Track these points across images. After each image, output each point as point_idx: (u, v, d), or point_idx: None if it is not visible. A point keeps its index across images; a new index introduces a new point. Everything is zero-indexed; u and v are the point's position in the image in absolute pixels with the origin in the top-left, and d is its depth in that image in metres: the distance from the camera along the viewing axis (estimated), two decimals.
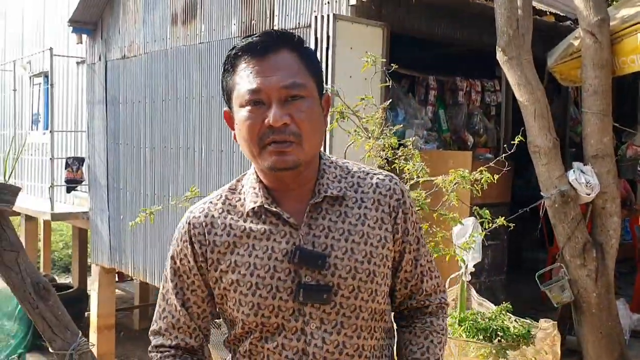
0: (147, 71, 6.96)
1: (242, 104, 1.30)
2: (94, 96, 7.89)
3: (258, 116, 1.28)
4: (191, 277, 1.37)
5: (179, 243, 1.39)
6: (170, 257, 1.41)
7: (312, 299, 1.29)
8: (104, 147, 7.73)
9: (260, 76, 1.28)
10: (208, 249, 1.34)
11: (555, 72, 4.62)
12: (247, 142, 1.30)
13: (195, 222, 1.37)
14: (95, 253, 8.05)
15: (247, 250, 1.32)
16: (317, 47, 4.46)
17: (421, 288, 1.47)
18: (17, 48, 10.71)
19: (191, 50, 6.29)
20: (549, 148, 4.24)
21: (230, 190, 1.41)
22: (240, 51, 1.31)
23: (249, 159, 1.35)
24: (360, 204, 1.38)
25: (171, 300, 1.40)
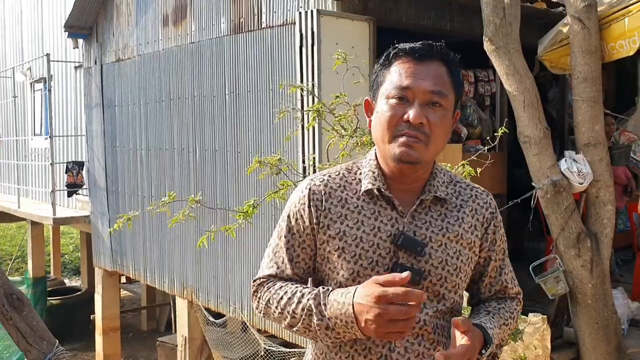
0: (141, 73, 6.95)
1: (389, 96, 1.48)
2: (91, 100, 7.90)
3: (400, 110, 1.45)
4: (303, 236, 1.55)
5: (296, 204, 1.56)
6: (287, 216, 1.58)
7: (413, 280, 1.44)
8: (102, 150, 7.74)
9: (413, 77, 1.46)
10: (322, 214, 1.52)
11: (544, 60, 4.55)
12: (382, 129, 1.48)
13: (315, 189, 1.55)
14: (98, 256, 8.08)
15: (356, 224, 1.51)
16: (302, 44, 4.41)
17: (505, 292, 1.66)
18: (18, 55, 10.74)
19: (183, 51, 6.27)
20: (539, 138, 4.17)
21: (347, 170, 1.59)
22: (401, 51, 1.49)
23: (377, 145, 1.54)
24: (459, 209, 1.57)
25: (280, 254, 1.57)
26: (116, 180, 7.57)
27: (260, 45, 5.24)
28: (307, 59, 4.37)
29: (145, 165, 7.01)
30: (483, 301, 1.67)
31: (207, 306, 6.21)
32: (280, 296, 1.52)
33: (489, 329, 1.50)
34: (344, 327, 1.39)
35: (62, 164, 8.21)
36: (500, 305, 1.63)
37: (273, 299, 1.53)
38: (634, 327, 4.77)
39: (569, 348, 4.35)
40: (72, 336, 10.40)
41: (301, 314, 1.46)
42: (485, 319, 1.55)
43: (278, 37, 5.04)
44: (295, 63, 4.51)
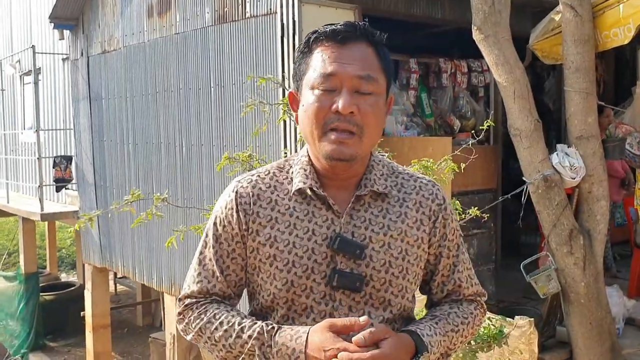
0: (127, 65, 6.79)
1: (314, 86, 1.32)
2: (78, 93, 7.75)
3: (327, 100, 1.30)
4: (232, 244, 1.40)
5: (223, 210, 1.41)
6: (213, 224, 1.43)
7: (345, 286, 1.34)
8: (89, 144, 7.59)
9: (337, 62, 1.30)
10: (251, 219, 1.38)
11: (536, 49, 4.37)
12: (310, 124, 1.33)
13: (242, 192, 1.40)
14: (87, 252, 7.95)
15: (287, 227, 1.36)
16: (283, 34, 4.25)
17: (459, 292, 1.50)
18: (7, 47, 10.58)
19: (167, 42, 6.10)
20: (530, 130, 4.01)
21: (279, 169, 1.44)
22: (321, 36, 1.34)
23: (307, 142, 1.38)
24: (402, 203, 1.42)
25: (208, 266, 1.41)
26: (104, 174, 7.42)
27: (244, 35, 5.07)
28: (289, 49, 4.20)
29: (133, 159, 6.86)
30: (435, 304, 1.52)
31: None
32: (215, 326, 1.36)
33: (425, 335, 1.34)
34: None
35: (50, 158, 8.06)
36: (451, 310, 1.47)
37: (205, 328, 1.37)
38: (630, 325, 4.62)
39: (562, 348, 4.21)
40: (65, 332, 10.30)
41: (240, 351, 1.32)
42: (425, 325, 1.38)
43: (262, 27, 4.87)
44: (277, 53, 4.34)
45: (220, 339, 1.34)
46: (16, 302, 10.27)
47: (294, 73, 1.42)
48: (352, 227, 1.37)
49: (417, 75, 5.36)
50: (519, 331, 3.00)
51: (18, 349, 10.22)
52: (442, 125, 5.55)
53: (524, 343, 2.96)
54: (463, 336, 1.47)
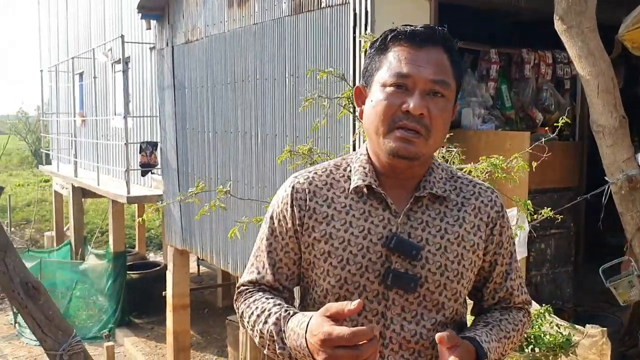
0: (208, 55, 6.95)
1: (386, 84, 1.33)
2: (163, 81, 8.02)
3: (397, 99, 1.31)
4: (286, 238, 1.42)
5: (279, 204, 1.44)
6: (270, 217, 1.46)
7: (400, 286, 1.34)
8: (173, 131, 7.85)
9: (413, 64, 1.32)
10: (306, 215, 1.39)
11: (625, 40, 4.08)
12: (377, 120, 1.33)
13: (298, 187, 1.42)
14: (169, 234, 8.25)
15: (343, 225, 1.36)
16: (356, 24, 4.19)
17: (510, 300, 1.51)
18: (100, 36, 11.11)
19: (246, 32, 6.19)
20: (614, 127, 3.75)
21: (336, 166, 1.45)
22: (400, 35, 1.35)
23: (370, 138, 1.38)
24: (460, 207, 1.43)
25: (261, 258, 1.45)
26: (186, 161, 7.66)
27: (318, 26, 5.05)
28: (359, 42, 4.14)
29: (212, 147, 7.03)
30: (485, 310, 1.52)
31: None
32: (252, 311, 1.41)
33: (483, 342, 1.35)
34: (301, 357, 1.27)
35: (137, 144, 8.41)
36: (503, 317, 1.48)
37: (246, 312, 1.43)
38: None
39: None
40: (149, 310, 10.78)
41: (267, 336, 1.35)
42: (482, 331, 1.39)
43: (336, 17, 4.83)
44: (349, 44, 4.29)
45: (255, 324, 1.37)
46: (105, 279, 10.84)
47: (364, 68, 1.41)
48: (409, 227, 1.37)
49: (498, 66, 5.16)
50: (589, 340, 2.84)
51: (105, 324, 10.80)
52: (524, 118, 5.32)
53: (595, 354, 2.79)
54: (513, 343, 1.47)
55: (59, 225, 14.18)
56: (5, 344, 10.81)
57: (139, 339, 10.36)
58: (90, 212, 17.71)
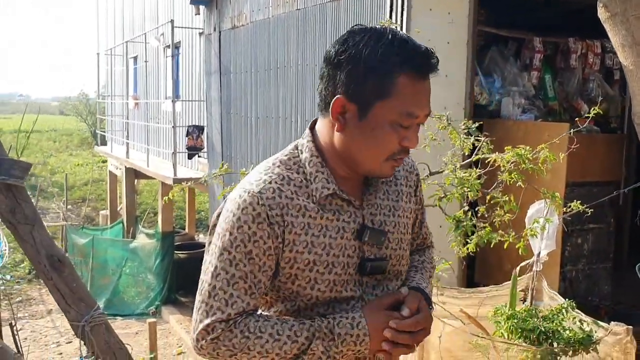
0: (252, 41, 7.02)
1: (394, 122, 1.30)
2: (210, 66, 8.15)
3: (399, 135, 1.32)
4: (264, 258, 1.34)
5: (251, 225, 1.32)
6: (239, 241, 1.33)
7: (376, 272, 1.43)
8: (219, 116, 7.99)
9: (419, 102, 1.31)
10: (286, 230, 1.34)
11: None
12: (376, 151, 1.34)
13: (271, 203, 1.33)
14: None
15: (321, 231, 1.36)
16: (392, 9, 4.16)
17: (424, 243, 1.69)
18: (154, 21, 11.35)
19: (289, 17, 6.22)
20: None
21: (287, 170, 1.39)
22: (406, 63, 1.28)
23: (357, 156, 1.35)
24: (395, 181, 1.50)
25: (240, 285, 1.34)
26: (230, 145, 7.79)
27: (358, 11, 5.03)
28: (397, 26, 4.10)
29: (255, 132, 7.13)
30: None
31: None
32: (265, 339, 1.34)
33: (425, 289, 1.51)
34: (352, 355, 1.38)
35: (184, 127, 8.59)
36: (422, 258, 1.65)
37: (254, 343, 1.34)
38: None
39: None
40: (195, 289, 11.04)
41: (295, 354, 1.34)
42: (417, 278, 1.55)
43: (375, 4, 4.80)
44: None
45: (273, 348, 1.33)
46: (153, 258, 11.17)
47: (357, 84, 1.29)
48: (370, 215, 1.42)
49: (542, 55, 5.01)
50: (613, 338, 2.76)
51: (152, 301, 11.15)
52: (568, 109, 5.17)
53: (619, 352, 2.71)
54: (431, 276, 1.67)
55: (113, 204, 14.66)
56: (59, 316, 11.29)
57: (184, 316, 10.63)
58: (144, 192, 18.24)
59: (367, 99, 1.29)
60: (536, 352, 2.55)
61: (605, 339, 2.79)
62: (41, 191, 19.14)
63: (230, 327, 1.33)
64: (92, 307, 2.44)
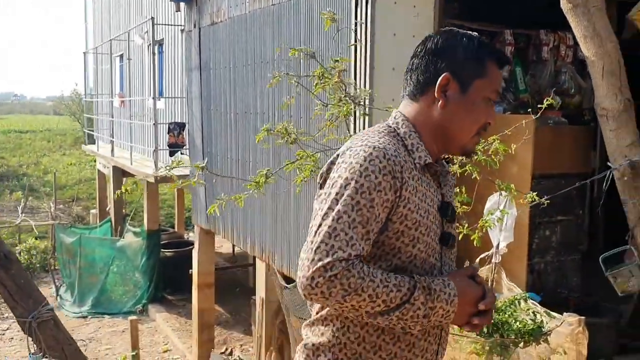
0: (231, 37, 7.00)
1: (487, 97, 1.58)
2: (191, 63, 8.12)
3: (487, 111, 1.58)
4: (380, 209, 1.46)
5: (377, 175, 1.45)
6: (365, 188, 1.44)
7: (452, 245, 1.61)
8: (199, 112, 7.96)
9: (501, 85, 1.62)
10: (403, 187, 1.47)
11: (636, 20, 3.90)
12: (472, 124, 1.57)
13: (395, 159, 1.47)
14: (196, 214, 8.40)
15: (422, 196, 1.52)
16: (358, 3, 4.14)
17: None
18: (139, 18, 11.31)
19: (265, 13, 6.19)
20: (618, 111, 3.61)
21: (395, 139, 1.56)
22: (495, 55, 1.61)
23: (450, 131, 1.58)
24: (447, 172, 1.70)
25: (359, 230, 1.44)
26: (210, 142, 7.76)
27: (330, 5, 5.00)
28: (360, 18, 4.09)
29: (234, 129, 7.10)
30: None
31: (281, 270, 6.23)
32: (376, 283, 1.43)
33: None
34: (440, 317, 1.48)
35: (166, 124, 8.56)
36: None
37: (368, 286, 1.42)
38: None
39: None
40: (182, 287, 11.03)
41: (398, 303, 1.44)
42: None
43: None
44: (351, 25, 4.25)
45: (382, 294, 1.42)
46: (140, 257, 11.15)
47: (459, 64, 1.55)
48: (447, 195, 1.63)
49: (512, 48, 5.00)
50: (567, 329, 2.75)
51: (139, 300, 11.13)
52: (540, 102, 5.14)
53: (571, 342, 2.71)
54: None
55: (102, 203, 14.64)
56: None
57: (170, 315, 10.63)
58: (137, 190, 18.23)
59: (467, 78, 1.55)
60: (485, 343, 2.54)
61: (559, 330, 2.79)
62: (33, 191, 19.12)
63: (349, 266, 1.40)
64: (40, 303, 2.42)
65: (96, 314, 11.05)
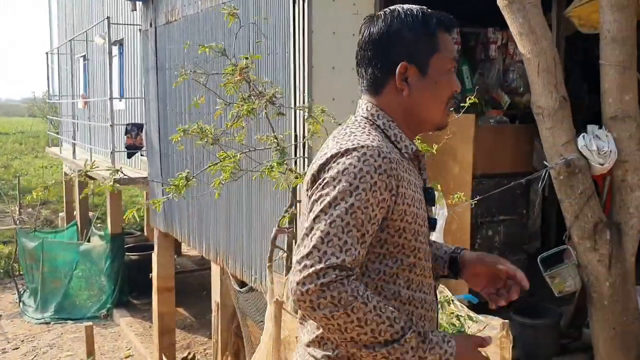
0: (184, 36, 6.88)
1: (446, 68, 1.54)
2: (148, 63, 7.99)
3: (450, 81, 1.54)
4: (376, 210, 1.42)
5: (372, 175, 1.41)
6: (360, 189, 1.40)
7: (433, 228, 1.60)
8: (156, 113, 7.82)
9: (455, 51, 1.60)
10: (399, 184, 1.45)
11: (573, 17, 3.86)
12: (440, 99, 1.54)
13: (389, 157, 1.44)
14: (154, 217, 8.26)
15: (413, 187, 1.50)
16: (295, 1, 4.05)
17: None
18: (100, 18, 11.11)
19: (216, 12, 6.09)
20: (553, 109, 3.57)
21: (378, 132, 1.52)
22: (443, 22, 1.55)
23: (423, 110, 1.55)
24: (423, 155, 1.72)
25: (354, 233, 1.38)
26: (167, 143, 7.63)
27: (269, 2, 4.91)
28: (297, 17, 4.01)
29: None
30: None
31: (235, 274, 6.13)
32: (369, 308, 1.35)
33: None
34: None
35: (123, 125, 8.41)
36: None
37: (358, 308, 1.34)
38: None
39: (583, 352, 3.77)
40: (148, 290, 10.84)
41: (387, 339, 1.36)
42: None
43: None
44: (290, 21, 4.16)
45: (372, 322, 1.34)
46: (104, 260, 10.96)
47: (412, 48, 1.51)
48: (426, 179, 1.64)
49: (460, 46, 4.94)
50: (491, 333, 2.69)
51: (104, 304, 10.95)
52: (489, 101, 5.11)
53: (495, 346, 2.64)
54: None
55: (68, 206, 14.41)
56: (8, 321, 11.04)
57: (135, 319, 10.46)
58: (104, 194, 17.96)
59: (423, 57, 1.52)
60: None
61: (483, 333, 2.72)
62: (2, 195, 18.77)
63: (343, 278, 1.34)
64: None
65: (59, 319, 10.85)
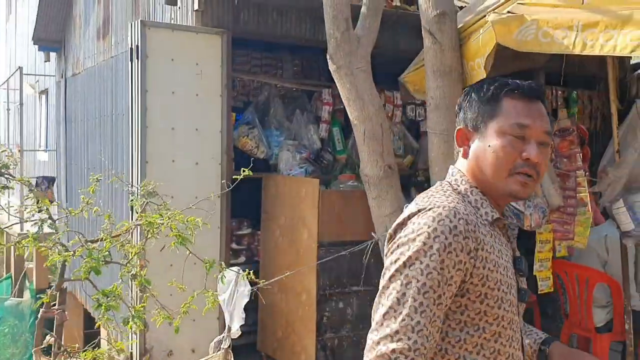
0: (84, 88, 6.75)
1: (506, 132, 1.47)
2: (59, 115, 7.83)
3: (517, 148, 1.46)
4: (452, 271, 1.36)
5: (447, 236, 1.36)
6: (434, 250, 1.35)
7: (525, 300, 1.54)
8: (63, 166, 7.62)
9: (530, 116, 1.48)
10: (478, 247, 1.40)
11: (407, 82, 3.73)
12: (499, 164, 1.47)
13: (467, 218, 1.40)
14: None
15: (498, 253, 1.45)
16: (132, 60, 3.90)
17: None
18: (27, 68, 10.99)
19: (106, 65, 5.96)
20: (378, 178, 3.39)
21: (459, 196, 1.49)
22: (515, 89, 1.50)
23: (486, 176, 1.49)
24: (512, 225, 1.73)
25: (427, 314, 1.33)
26: (72, 198, 7.39)
27: None
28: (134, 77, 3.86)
29: (87, 185, 6.75)
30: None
31: None
32: None
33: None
34: None
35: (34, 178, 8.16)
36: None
37: None
38: None
39: None
40: None
41: None
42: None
43: None
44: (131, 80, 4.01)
45: None
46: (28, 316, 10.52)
47: (472, 113, 1.51)
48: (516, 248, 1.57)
49: (331, 107, 4.80)
50: None
51: None
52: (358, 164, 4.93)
53: None
54: None
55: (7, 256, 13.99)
56: None
57: None
58: None
59: (481, 123, 1.50)
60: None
61: None
62: None
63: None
64: None
65: None
